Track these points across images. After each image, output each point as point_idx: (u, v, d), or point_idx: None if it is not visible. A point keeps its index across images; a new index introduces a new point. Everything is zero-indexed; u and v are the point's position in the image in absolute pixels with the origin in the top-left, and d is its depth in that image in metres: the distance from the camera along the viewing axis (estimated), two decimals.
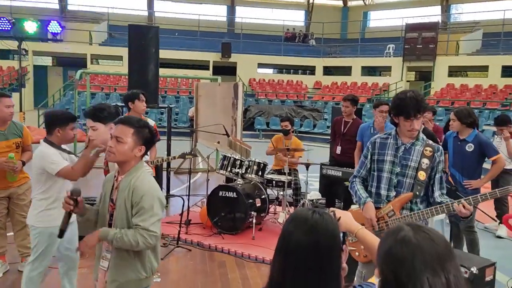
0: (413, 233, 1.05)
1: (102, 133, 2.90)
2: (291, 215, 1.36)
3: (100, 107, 3.00)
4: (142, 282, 2.26)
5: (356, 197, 2.88)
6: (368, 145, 2.88)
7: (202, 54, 20.95)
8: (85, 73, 9.64)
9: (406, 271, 1.01)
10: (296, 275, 1.26)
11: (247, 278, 4.23)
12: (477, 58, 18.72)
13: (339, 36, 25.44)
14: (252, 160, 5.65)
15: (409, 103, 2.60)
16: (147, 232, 2.13)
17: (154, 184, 2.27)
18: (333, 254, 1.28)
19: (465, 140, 4.24)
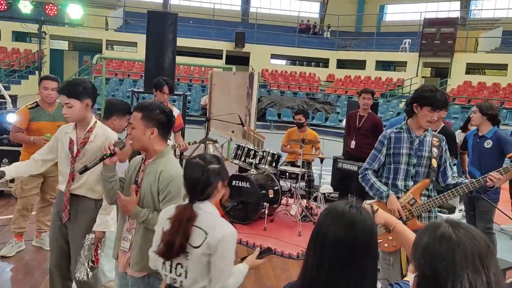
0: (453, 229, 1.04)
1: (78, 111, 2.62)
2: (327, 209, 1.34)
3: (75, 82, 2.69)
4: None
5: (372, 190, 2.95)
6: (383, 139, 2.97)
7: (215, 43, 20.89)
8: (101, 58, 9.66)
9: (446, 267, 1.00)
10: (331, 270, 1.24)
11: (258, 268, 4.19)
12: (496, 56, 18.39)
13: (354, 29, 25.15)
14: (266, 150, 5.64)
15: (440, 97, 2.77)
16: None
17: (179, 169, 2.23)
18: (370, 249, 1.27)
19: (484, 136, 4.18)
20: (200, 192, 1.92)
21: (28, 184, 4.02)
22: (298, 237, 4.96)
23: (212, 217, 1.91)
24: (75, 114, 2.63)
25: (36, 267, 3.88)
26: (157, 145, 2.24)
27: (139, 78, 17.99)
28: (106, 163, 2.25)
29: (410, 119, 2.92)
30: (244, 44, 20.67)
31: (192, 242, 1.85)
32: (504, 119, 14.27)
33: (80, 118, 2.67)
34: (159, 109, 2.24)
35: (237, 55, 20.89)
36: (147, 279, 2.25)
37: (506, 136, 4.21)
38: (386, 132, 3.02)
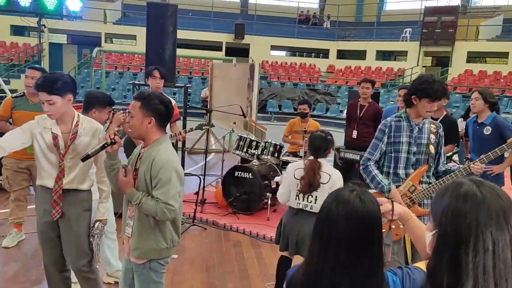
0: (477, 187, 1.03)
1: (60, 107, 2.51)
2: (331, 196, 1.32)
3: (53, 78, 2.52)
4: (163, 252, 2.30)
5: (373, 182, 2.94)
6: (383, 128, 2.97)
7: (215, 35, 20.79)
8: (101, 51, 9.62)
9: (469, 225, 0.98)
10: (336, 260, 1.23)
11: (262, 257, 4.28)
12: (497, 44, 18.29)
13: (354, 19, 24.99)
14: (268, 141, 5.64)
15: (438, 87, 2.78)
16: (166, 206, 2.17)
17: (173, 157, 2.27)
18: (376, 237, 1.25)
19: (483, 123, 4.19)
20: (321, 152, 3.14)
21: (15, 179, 4.02)
22: None
23: (328, 165, 3.19)
24: (58, 111, 2.53)
25: (41, 259, 3.88)
26: (154, 134, 2.28)
27: (138, 71, 17.94)
28: (108, 151, 2.30)
29: (409, 109, 2.93)
30: (243, 35, 20.57)
31: (322, 180, 3.06)
32: (505, 107, 14.24)
33: (62, 114, 2.57)
34: (158, 99, 2.27)
35: (236, 46, 20.80)
36: (148, 265, 2.30)
37: (504, 121, 4.23)
38: (386, 120, 3.02)
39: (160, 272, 2.34)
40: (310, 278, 1.29)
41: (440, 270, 1.00)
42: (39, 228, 2.77)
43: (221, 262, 4.11)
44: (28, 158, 3.99)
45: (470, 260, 0.96)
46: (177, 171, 2.23)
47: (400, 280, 1.29)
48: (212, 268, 3.97)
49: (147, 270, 2.29)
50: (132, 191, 2.24)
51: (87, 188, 2.75)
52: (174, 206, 2.19)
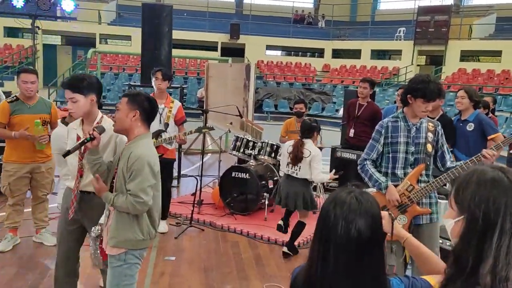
0: (502, 173, 1.06)
1: (82, 106, 2.59)
2: (330, 199, 1.31)
3: (80, 77, 2.68)
4: (139, 243, 2.35)
5: (371, 181, 2.98)
6: (380, 129, 2.98)
7: (210, 35, 20.76)
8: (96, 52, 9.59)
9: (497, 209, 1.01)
10: (337, 264, 1.22)
11: (260, 258, 4.28)
12: (490, 43, 18.40)
13: (349, 19, 25.05)
14: (265, 141, 5.64)
15: (433, 88, 2.77)
16: (135, 198, 2.24)
17: (150, 151, 2.34)
18: (377, 239, 1.24)
19: (467, 120, 4.29)
20: (306, 134, 4.20)
21: (17, 185, 4.00)
22: None
23: (311, 144, 4.19)
24: (80, 109, 2.61)
25: (37, 263, 3.88)
26: (137, 129, 2.36)
27: (134, 72, 17.88)
28: (88, 147, 2.41)
29: (406, 108, 2.94)
30: (239, 35, 20.56)
31: (304, 155, 4.09)
32: (499, 105, 14.29)
33: (85, 113, 2.64)
34: (144, 96, 2.41)
35: (232, 46, 20.78)
36: (123, 256, 2.34)
37: (486, 119, 4.38)
38: (382, 121, 3.03)
39: (134, 264, 2.37)
40: (312, 280, 1.28)
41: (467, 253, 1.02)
42: (59, 225, 2.85)
43: (219, 263, 4.10)
44: (33, 161, 3.97)
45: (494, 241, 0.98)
46: (150, 164, 2.29)
47: (406, 286, 1.28)
48: (210, 270, 3.96)
49: (122, 262, 2.34)
50: (105, 195, 2.35)
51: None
52: (143, 198, 2.25)
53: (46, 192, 4.18)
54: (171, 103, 4.68)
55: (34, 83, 3.91)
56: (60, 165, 3.10)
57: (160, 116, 4.51)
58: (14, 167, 3.94)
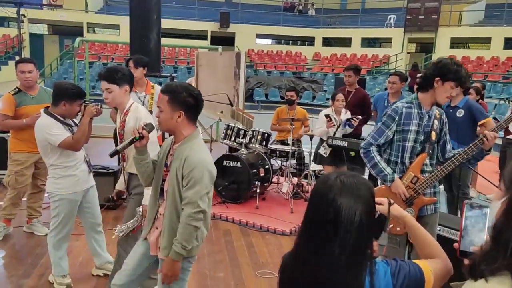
0: None
1: (117, 96, 2.82)
2: (317, 181, 1.33)
3: (115, 69, 2.87)
4: (194, 250, 2.24)
5: (375, 169, 2.80)
6: (393, 114, 2.76)
7: (200, 24, 20.56)
8: (83, 41, 9.45)
9: None
10: (321, 244, 1.24)
11: (252, 245, 4.30)
12: (479, 30, 18.48)
13: (339, 7, 24.96)
14: (256, 130, 5.63)
15: (465, 73, 2.65)
16: (193, 209, 2.11)
17: (206, 156, 2.21)
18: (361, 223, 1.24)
19: (456, 106, 4.32)
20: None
21: (25, 175, 3.98)
22: (290, 214, 5.02)
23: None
24: (115, 99, 2.82)
25: (28, 253, 3.86)
26: (184, 128, 2.21)
27: (123, 61, 17.66)
28: (137, 146, 2.25)
29: (422, 94, 2.74)
30: (228, 24, 20.38)
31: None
32: (488, 92, 14.42)
33: (119, 102, 2.85)
34: (186, 91, 2.18)
35: (222, 35, 20.61)
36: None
37: (476, 104, 4.41)
38: (397, 107, 2.79)
39: (187, 270, 2.30)
40: (296, 260, 1.31)
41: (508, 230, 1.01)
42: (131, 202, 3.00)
43: (211, 252, 4.11)
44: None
45: None
46: (210, 171, 2.17)
47: (392, 270, 1.29)
48: (203, 258, 3.97)
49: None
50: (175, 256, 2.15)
51: None
52: (201, 207, 2.13)
53: (45, 181, 4.15)
54: (152, 89, 4.66)
55: (32, 72, 3.89)
56: (46, 155, 3.07)
57: (142, 104, 4.50)
58: (23, 156, 3.94)
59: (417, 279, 1.29)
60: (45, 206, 4.39)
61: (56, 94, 3.06)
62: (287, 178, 5.64)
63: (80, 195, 3.17)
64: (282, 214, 5.04)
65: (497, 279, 0.96)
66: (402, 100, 2.86)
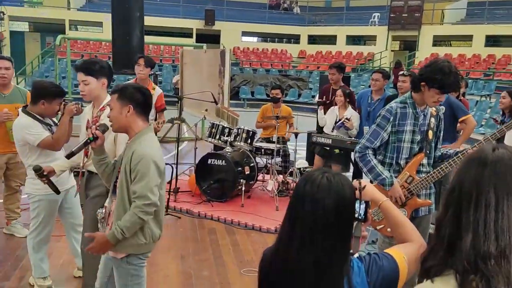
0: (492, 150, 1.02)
1: (94, 89, 2.69)
2: (302, 178, 1.33)
3: (93, 61, 2.77)
4: (142, 247, 2.25)
5: (371, 173, 2.72)
6: (388, 115, 2.70)
7: (184, 22, 20.41)
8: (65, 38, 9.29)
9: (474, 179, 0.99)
10: (302, 240, 1.24)
11: (237, 244, 4.29)
12: (461, 27, 18.74)
13: (324, 5, 25.05)
14: (241, 128, 5.62)
15: (452, 81, 2.52)
16: (143, 201, 2.12)
17: (154, 149, 2.22)
18: (342, 221, 1.25)
19: None
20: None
21: None
22: (276, 212, 5.02)
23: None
24: (91, 92, 2.70)
25: (9, 254, 3.79)
26: (135, 124, 2.24)
27: (107, 59, 17.42)
28: (92, 147, 2.30)
29: (415, 94, 2.68)
30: (214, 21, 20.28)
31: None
32: (470, 89, 14.64)
33: (95, 96, 2.73)
34: (134, 88, 2.28)
35: (207, 33, 20.50)
36: (126, 259, 2.25)
37: (457, 101, 4.45)
38: (391, 107, 2.72)
39: (139, 266, 2.30)
40: (278, 255, 1.31)
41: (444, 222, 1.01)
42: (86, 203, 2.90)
43: (196, 250, 4.09)
44: (9, 151, 3.86)
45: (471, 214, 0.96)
46: (156, 163, 2.17)
47: (365, 267, 1.29)
48: (187, 257, 3.95)
49: (125, 264, 2.26)
50: (110, 237, 2.16)
51: None
52: (152, 199, 2.14)
53: (20, 183, 4.08)
54: (153, 90, 4.69)
55: (8, 69, 3.81)
56: (24, 155, 3.01)
57: None
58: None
59: (392, 271, 1.29)
60: (26, 207, 4.31)
61: (35, 93, 3.00)
62: (272, 176, 5.65)
63: (61, 195, 3.12)
64: (268, 212, 5.04)
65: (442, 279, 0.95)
66: (396, 100, 2.82)
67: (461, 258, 0.93)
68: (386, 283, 1.28)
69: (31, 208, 3.09)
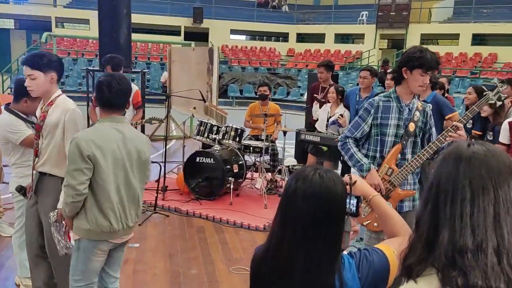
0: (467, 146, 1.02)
1: (41, 83, 2.51)
2: (293, 174, 1.32)
3: (40, 54, 2.59)
4: (87, 232, 2.30)
5: (352, 160, 2.78)
6: (369, 108, 2.75)
7: (173, 19, 20.28)
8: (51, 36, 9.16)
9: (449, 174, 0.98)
10: (293, 237, 1.24)
11: (226, 242, 4.28)
12: (448, 26, 18.95)
13: (312, 2, 25.11)
14: (229, 126, 5.60)
15: (431, 57, 2.57)
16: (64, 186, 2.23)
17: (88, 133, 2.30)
18: (334, 218, 1.25)
19: (425, 101, 4.40)
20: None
21: None
22: (264, 210, 5.02)
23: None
24: (39, 87, 2.53)
25: None
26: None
27: (94, 57, 17.26)
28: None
29: (399, 87, 2.71)
30: (202, 19, 20.19)
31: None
32: (456, 87, 14.82)
33: (44, 91, 2.56)
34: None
35: (195, 31, 20.40)
36: (77, 242, 2.34)
37: (443, 99, 4.51)
38: (373, 100, 2.77)
39: (88, 250, 2.33)
40: (269, 253, 1.30)
41: (423, 218, 1.02)
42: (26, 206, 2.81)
43: (184, 249, 4.08)
44: None
45: (447, 209, 0.97)
46: (79, 147, 2.18)
47: (356, 263, 1.30)
48: (176, 255, 3.93)
49: (77, 246, 2.35)
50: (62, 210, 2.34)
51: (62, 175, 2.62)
52: (68, 181, 2.19)
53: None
54: None
55: None
56: (7, 154, 2.96)
57: None
58: None
59: (382, 266, 1.30)
60: (10, 207, 4.25)
61: (18, 90, 2.94)
62: (261, 174, 5.65)
63: None
64: (256, 209, 5.04)
65: (425, 278, 0.96)
66: (380, 94, 2.84)
67: (440, 254, 0.94)
68: (377, 278, 1.29)
69: (16, 207, 3.05)
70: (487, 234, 0.92)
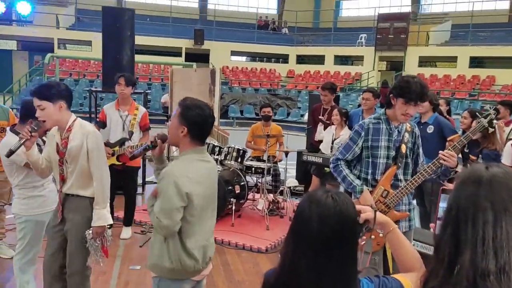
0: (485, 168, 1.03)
1: (52, 113, 2.55)
2: (305, 198, 1.31)
3: (48, 84, 2.66)
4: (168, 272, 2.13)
5: (345, 183, 2.81)
6: (359, 130, 2.78)
7: (174, 41, 20.55)
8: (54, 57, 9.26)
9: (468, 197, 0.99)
10: (309, 261, 1.22)
11: (228, 264, 4.22)
12: (446, 49, 19.21)
13: (312, 25, 25.50)
14: (231, 146, 5.61)
15: (414, 88, 2.58)
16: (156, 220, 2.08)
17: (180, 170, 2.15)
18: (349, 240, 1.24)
19: (426, 122, 4.45)
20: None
21: None
22: (266, 231, 4.98)
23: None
24: (49, 117, 2.57)
25: None
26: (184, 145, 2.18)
27: (95, 77, 17.41)
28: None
29: (389, 110, 2.76)
30: (203, 41, 20.46)
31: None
32: (455, 109, 14.90)
33: (55, 121, 2.61)
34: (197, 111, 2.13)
35: (196, 52, 20.65)
36: (157, 280, 2.20)
37: (445, 121, 4.54)
38: (363, 122, 2.81)
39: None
40: (282, 278, 1.28)
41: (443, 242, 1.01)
42: (47, 229, 2.88)
43: None
44: None
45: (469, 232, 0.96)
46: (177, 184, 2.02)
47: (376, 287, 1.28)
48: None
49: (156, 285, 2.19)
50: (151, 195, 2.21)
51: (90, 195, 2.67)
52: (162, 222, 2.02)
53: (4, 202, 3.99)
54: (136, 110, 4.64)
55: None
56: (11, 175, 2.95)
57: (123, 123, 4.51)
58: None
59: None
60: (12, 228, 4.21)
61: (24, 111, 2.96)
62: (262, 195, 5.62)
63: (48, 215, 3.05)
64: (258, 231, 5.00)
65: None
66: (370, 116, 2.88)
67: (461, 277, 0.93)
68: None
69: (18, 229, 3.02)
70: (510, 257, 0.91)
